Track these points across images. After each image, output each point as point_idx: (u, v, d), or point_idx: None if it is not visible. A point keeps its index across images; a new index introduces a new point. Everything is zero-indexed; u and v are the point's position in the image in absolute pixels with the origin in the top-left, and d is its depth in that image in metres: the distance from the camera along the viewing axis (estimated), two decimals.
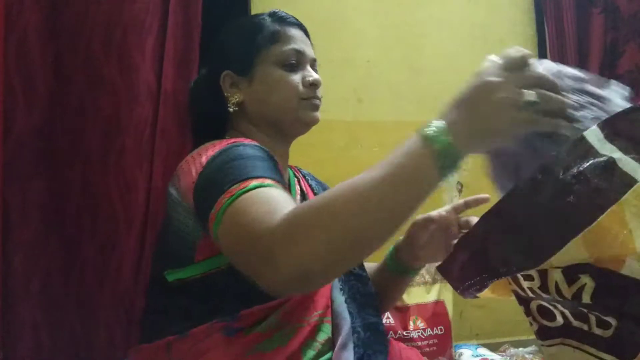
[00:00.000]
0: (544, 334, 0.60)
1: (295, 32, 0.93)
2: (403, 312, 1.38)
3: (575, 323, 0.55)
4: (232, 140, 0.81)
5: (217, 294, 0.77)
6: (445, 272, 0.62)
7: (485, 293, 0.61)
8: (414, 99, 1.67)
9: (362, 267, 0.95)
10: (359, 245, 0.56)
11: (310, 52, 0.94)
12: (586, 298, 0.49)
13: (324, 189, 1.02)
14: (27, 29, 1.01)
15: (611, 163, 0.49)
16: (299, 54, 0.91)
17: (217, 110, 0.93)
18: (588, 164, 0.50)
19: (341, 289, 0.88)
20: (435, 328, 1.37)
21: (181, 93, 1.13)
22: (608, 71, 1.68)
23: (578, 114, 0.57)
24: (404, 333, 1.35)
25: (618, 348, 0.51)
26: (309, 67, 0.92)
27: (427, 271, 1.42)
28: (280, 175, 0.73)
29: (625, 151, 0.50)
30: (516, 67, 0.57)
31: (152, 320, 0.85)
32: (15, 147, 1.04)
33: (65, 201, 1.13)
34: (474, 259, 0.55)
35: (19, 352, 1.07)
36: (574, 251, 0.46)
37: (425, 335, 1.36)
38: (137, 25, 1.08)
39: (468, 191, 1.69)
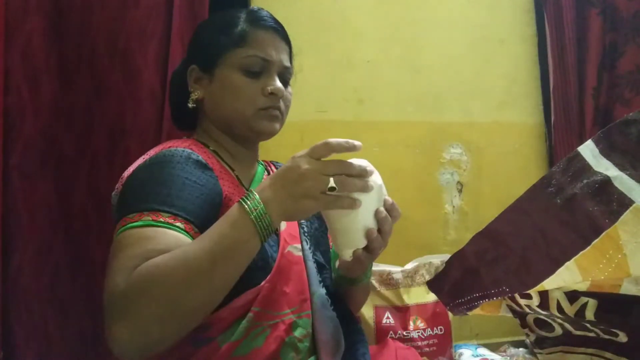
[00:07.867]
0: (542, 343, 0.60)
1: (266, 36, 0.86)
2: (403, 312, 1.38)
3: (577, 333, 0.54)
4: (171, 144, 0.80)
5: None
6: (435, 288, 0.61)
7: (475, 311, 0.60)
8: (414, 99, 1.67)
9: (327, 259, 0.93)
10: (187, 314, 0.60)
11: (280, 59, 0.87)
12: (589, 315, 0.48)
13: None
14: (33, 33, 1.03)
15: (606, 182, 0.47)
16: (264, 62, 0.84)
17: (187, 102, 0.90)
18: (582, 184, 0.48)
19: (320, 281, 0.85)
20: (435, 328, 1.38)
21: None
22: (607, 72, 1.67)
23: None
24: (404, 333, 1.35)
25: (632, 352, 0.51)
26: (274, 75, 0.86)
27: (427, 271, 1.42)
28: (201, 200, 0.71)
29: (621, 167, 0.48)
30: (321, 155, 0.66)
31: None
32: (23, 149, 1.06)
33: (72, 201, 1.15)
34: (465, 278, 0.55)
35: (28, 350, 1.08)
36: (567, 275, 0.45)
37: (425, 335, 1.36)
38: (139, 30, 1.10)
39: (468, 191, 1.70)
